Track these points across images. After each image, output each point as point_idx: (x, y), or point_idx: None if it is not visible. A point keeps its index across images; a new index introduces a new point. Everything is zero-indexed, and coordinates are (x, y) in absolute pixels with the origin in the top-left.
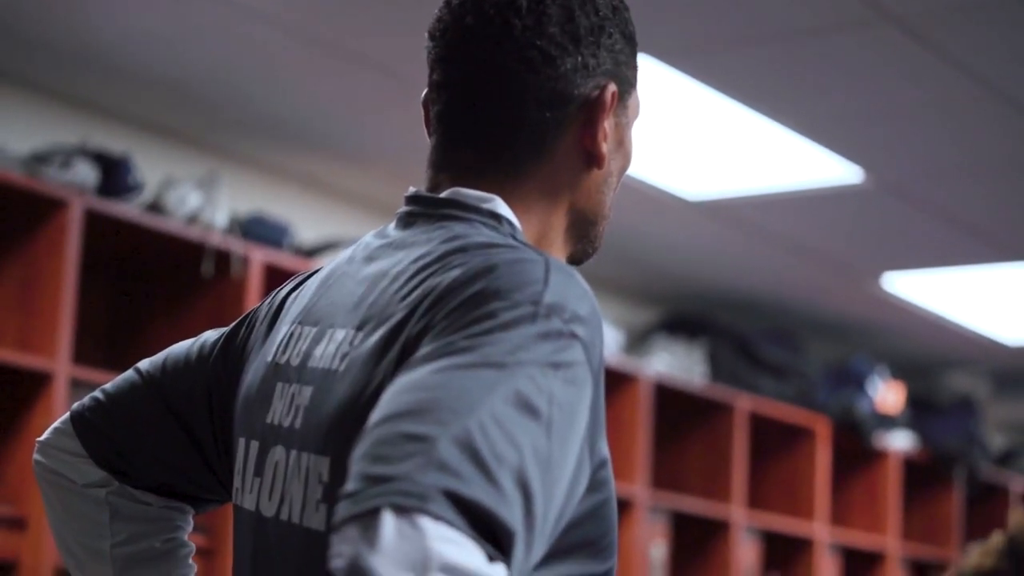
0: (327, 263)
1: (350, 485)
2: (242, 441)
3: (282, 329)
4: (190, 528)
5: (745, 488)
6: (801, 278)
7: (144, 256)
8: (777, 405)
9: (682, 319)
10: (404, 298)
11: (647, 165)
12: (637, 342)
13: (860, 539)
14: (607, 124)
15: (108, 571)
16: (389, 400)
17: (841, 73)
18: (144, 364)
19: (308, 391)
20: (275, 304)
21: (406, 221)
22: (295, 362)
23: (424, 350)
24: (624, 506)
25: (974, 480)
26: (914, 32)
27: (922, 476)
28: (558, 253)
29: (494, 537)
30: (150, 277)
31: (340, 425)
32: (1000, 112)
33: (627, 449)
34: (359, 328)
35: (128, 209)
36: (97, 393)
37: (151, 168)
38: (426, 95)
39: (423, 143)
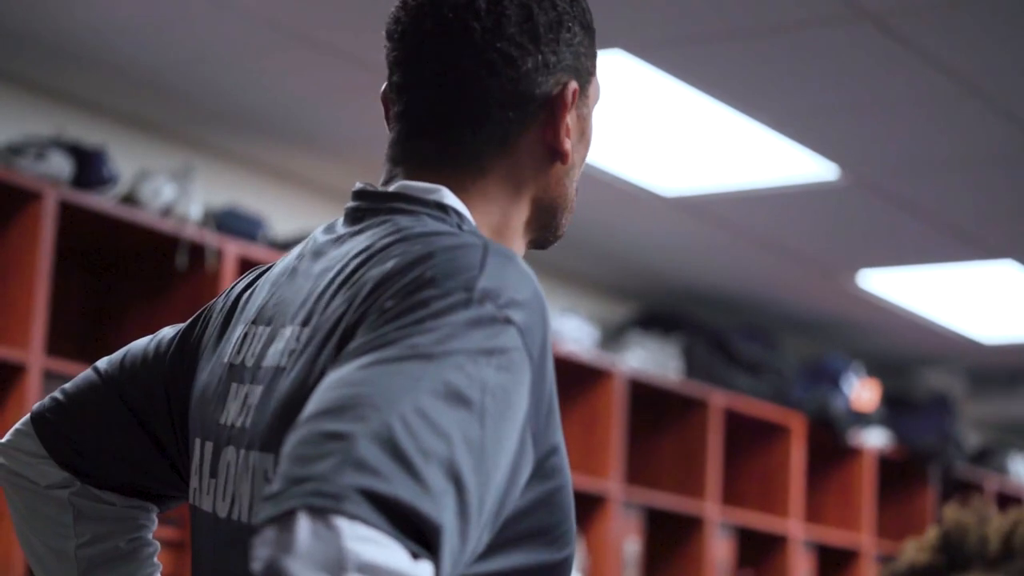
0: (280, 259)
1: (273, 486)
2: (198, 442)
3: (237, 329)
4: (154, 527)
5: (720, 484)
6: (776, 275)
7: (118, 248)
8: (752, 402)
9: (657, 315)
10: (345, 291)
11: (622, 160)
12: (612, 337)
13: (835, 536)
14: (569, 119)
15: (73, 572)
16: (316, 398)
17: (817, 69)
18: (102, 363)
19: (258, 390)
20: (229, 301)
21: (353, 216)
22: (249, 363)
23: (354, 344)
24: (598, 501)
25: (949, 478)
26: (889, 28)
27: (897, 474)
28: (517, 243)
29: (419, 534)
30: (124, 269)
31: (281, 421)
32: (976, 108)
33: (601, 444)
34: (304, 324)
35: (102, 201)
36: (56, 393)
37: (126, 160)
38: (385, 91)
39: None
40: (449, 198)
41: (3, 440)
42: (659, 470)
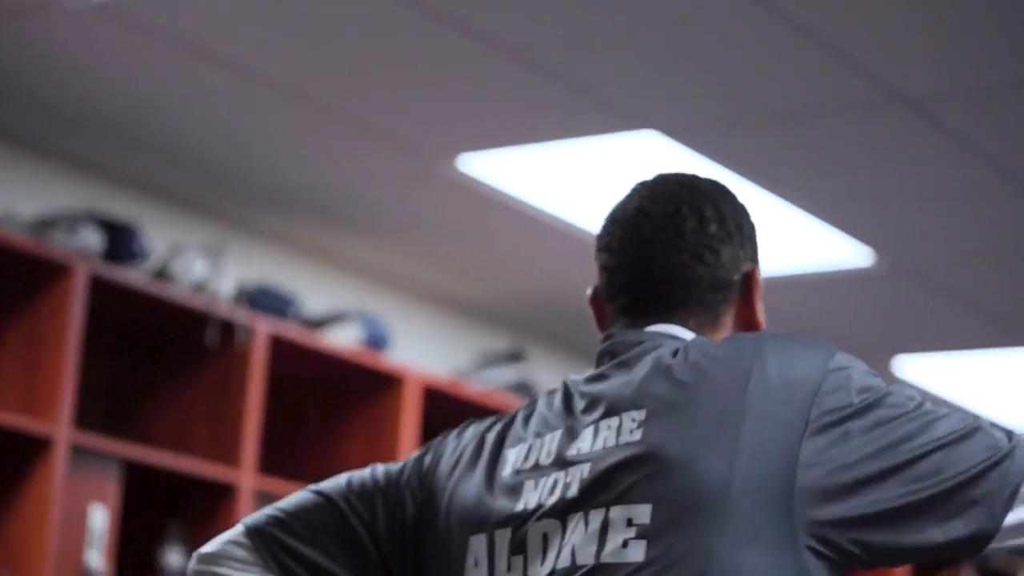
0: (517, 412)
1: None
2: (477, 538)
3: (512, 450)
4: None
5: None
6: None
7: (149, 323)
8: None
9: None
10: (672, 376)
11: None
12: None
13: None
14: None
15: None
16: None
17: (853, 154)
18: (325, 487)
19: (582, 468)
20: (476, 438)
21: (612, 351)
22: (547, 460)
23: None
24: None
25: None
26: (928, 114)
27: None
28: None
29: None
30: (154, 345)
31: (669, 474)
32: (1014, 195)
33: None
34: (638, 408)
35: (134, 275)
36: (272, 511)
37: (158, 235)
38: (596, 294)
39: (431, 214)
40: (690, 337)
41: (214, 550)
42: None
